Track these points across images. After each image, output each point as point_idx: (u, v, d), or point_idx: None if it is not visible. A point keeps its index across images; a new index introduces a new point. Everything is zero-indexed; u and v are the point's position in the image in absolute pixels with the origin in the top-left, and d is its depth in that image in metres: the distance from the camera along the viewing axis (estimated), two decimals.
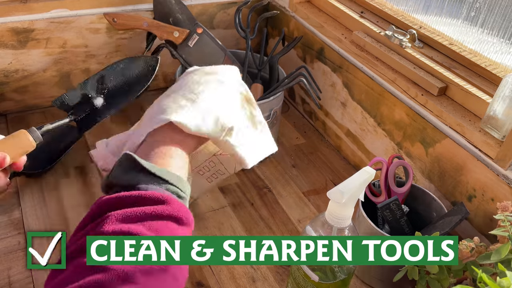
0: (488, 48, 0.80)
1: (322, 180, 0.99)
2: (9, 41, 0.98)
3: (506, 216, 0.58)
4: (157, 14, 0.99)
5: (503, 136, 0.70)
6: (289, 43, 1.04)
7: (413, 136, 0.85)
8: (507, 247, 0.54)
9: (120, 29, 0.94)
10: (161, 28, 0.94)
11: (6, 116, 1.06)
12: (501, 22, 0.76)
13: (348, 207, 0.57)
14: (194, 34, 0.95)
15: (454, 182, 0.78)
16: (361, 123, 0.98)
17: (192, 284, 0.74)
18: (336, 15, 1.05)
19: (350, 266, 0.61)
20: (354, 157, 1.03)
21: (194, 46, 0.95)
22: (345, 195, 0.55)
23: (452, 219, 0.70)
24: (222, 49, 0.98)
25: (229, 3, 1.17)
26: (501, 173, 0.70)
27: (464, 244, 0.60)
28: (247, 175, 0.98)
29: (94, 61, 1.08)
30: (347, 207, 0.57)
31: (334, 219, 0.58)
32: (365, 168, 0.57)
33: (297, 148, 1.08)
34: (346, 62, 0.99)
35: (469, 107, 0.78)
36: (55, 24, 1.00)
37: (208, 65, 0.85)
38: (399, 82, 0.85)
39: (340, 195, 0.55)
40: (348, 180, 0.57)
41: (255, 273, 0.77)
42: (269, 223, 0.87)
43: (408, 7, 0.94)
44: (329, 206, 0.58)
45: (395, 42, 0.88)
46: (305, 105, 1.18)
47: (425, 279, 0.63)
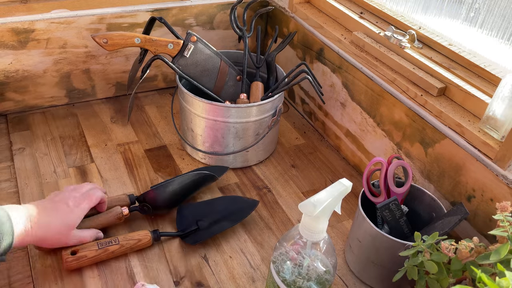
0: (488, 48, 0.80)
1: (322, 180, 0.99)
2: (9, 41, 0.98)
3: (505, 216, 0.58)
4: None
5: (502, 136, 0.71)
6: (283, 40, 1.04)
7: (413, 136, 0.85)
8: (506, 247, 0.55)
9: (112, 49, 0.90)
10: (155, 43, 0.91)
11: (6, 116, 1.06)
12: (500, 22, 0.76)
13: (321, 220, 0.55)
14: (189, 44, 0.94)
15: (454, 182, 0.78)
16: (361, 124, 0.98)
17: (191, 284, 0.74)
18: (335, 16, 1.06)
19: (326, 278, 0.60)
20: (353, 157, 1.03)
21: (190, 55, 0.94)
22: (318, 208, 0.53)
23: (451, 219, 0.70)
24: (217, 54, 0.98)
25: (229, 4, 1.17)
26: (500, 173, 0.70)
27: (463, 244, 0.60)
28: (246, 175, 0.98)
29: (94, 61, 1.09)
30: (320, 220, 0.55)
31: (308, 232, 0.56)
32: (341, 180, 0.55)
33: (296, 148, 1.08)
34: (346, 63, 0.99)
35: (468, 108, 0.78)
36: (56, 25, 1.00)
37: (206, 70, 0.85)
38: (399, 82, 0.86)
39: (312, 208, 0.53)
40: (322, 192, 0.54)
41: (254, 273, 0.77)
42: (269, 223, 0.87)
43: (407, 7, 0.94)
44: (302, 219, 0.56)
45: (395, 42, 0.89)
46: (304, 105, 1.18)
47: (424, 279, 0.63)
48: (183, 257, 0.79)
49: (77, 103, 1.13)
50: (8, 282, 0.72)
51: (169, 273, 0.76)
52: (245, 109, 0.91)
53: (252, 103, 0.92)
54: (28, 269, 0.74)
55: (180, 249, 0.80)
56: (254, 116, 0.92)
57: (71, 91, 1.11)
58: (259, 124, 0.94)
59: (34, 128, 1.03)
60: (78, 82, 1.10)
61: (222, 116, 0.91)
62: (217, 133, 0.94)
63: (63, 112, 1.10)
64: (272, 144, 1.04)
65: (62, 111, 1.10)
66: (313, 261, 0.59)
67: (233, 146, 0.96)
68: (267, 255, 0.81)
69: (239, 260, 0.80)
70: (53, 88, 1.08)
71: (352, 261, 0.79)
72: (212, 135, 0.94)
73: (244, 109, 0.91)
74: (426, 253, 0.62)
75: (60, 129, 1.04)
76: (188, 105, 0.94)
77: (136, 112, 1.13)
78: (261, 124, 0.95)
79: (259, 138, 0.96)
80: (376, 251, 0.72)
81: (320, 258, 0.60)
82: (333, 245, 0.61)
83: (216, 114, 0.91)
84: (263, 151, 1.01)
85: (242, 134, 0.94)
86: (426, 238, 0.63)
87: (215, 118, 0.92)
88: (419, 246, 0.63)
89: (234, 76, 1.01)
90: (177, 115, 1.10)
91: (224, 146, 0.96)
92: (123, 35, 0.89)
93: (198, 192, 0.91)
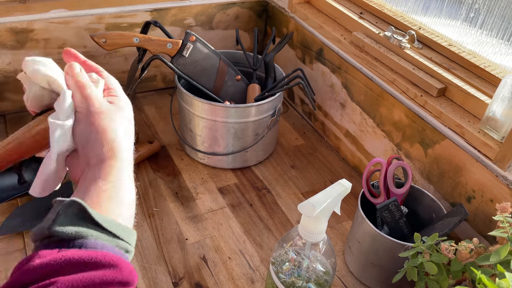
0: (487, 49, 0.80)
1: (321, 181, 0.99)
2: (8, 41, 0.97)
3: (505, 217, 0.58)
4: None
5: (502, 137, 0.70)
6: (281, 40, 1.04)
7: (412, 137, 0.85)
8: (506, 248, 0.54)
9: (110, 49, 0.89)
10: (153, 42, 0.91)
11: (5, 116, 1.06)
12: (500, 23, 0.76)
13: (321, 221, 0.55)
14: (188, 43, 0.93)
15: (453, 183, 0.78)
16: (360, 124, 0.98)
17: (190, 285, 0.74)
18: (335, 16, 1.05)
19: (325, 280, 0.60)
20: (353, 158, 1.03)
21: (189, 55, 0.94)
22: (317, 208, 0.53)
23: (451, 220, 0.70)
24: (216, 54, 0.98)
25: (228, 4, 1.17)
26: (500, 174, 0.70)
27: (463, 245, 0.60)
28: (246, 176, 0.98)
29: (93, 61, 1.08)
30: (320, 221, 0.55)
31: (307, 233, 0.56)
32: (340, 180, 0.55)
33: (296, 149, 1.08)
34: (345, 63, 0.99)
35: (468, 108, 0.78)
36: (54, 25, 1.00)
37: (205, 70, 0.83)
38: (398, 83, 0.85)
39: (311, 209, 0.53)
40: (322, 193, 0.54)
41: (253, 274, 0.77)
42: (268, 224, 0.87)
43: (407, 8, 0.94)
44: (302, 220, 0.56)
45: (394, 43, 0.88)
46: (304, 106, 1.18)
47: (424, 280, 0.62)
48: (182, 258, 0.79)
49: None
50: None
51: (168, 274, 0.76)
52: (244, 109, 0.91)
53: (251, 103, 0.91)
54: None
55: (179, 250, 0.80)
56: (253, 116, 0.92)
57: None
58: (258, 124, 0.94)
59: None
60: None
61: (221, 116, 0.91)
62: (216, 133, 0.94)
63: None
64: (272, 144, 1.04)
65: None
66: (312, 262, 0.59)
67: (232, 146, 0.96)
68: (266, 256, 0.81)
69: (238, 261, 0.79)
70: None
71: (352, 262, 0.79)
72: (211, 135, 0.94)
73: (243, 109, 0.91)
74: (426, 254, 0.61)
75: None
76: (187, 105, 0.94)
77: (135, 112, 1.12)
78: (260, 124, 0.94)
79: (258, 138, 0.96)
80: (376, 252, 0.72)
81: (319, 259, 0.60)
82: (332, 246, 0.61)
83: (215, 114, 0.91)
84: (263, 151, 1.01)
85: (241, 134, 0.94)
86: (426, 239, 0.63)
87: (214, 118, 0.91)
88: (419, 247, 0.62)
89: (233, 76, 1.01)
90: (176, 115, 1.10)
91: (223, 147, 0.96)
92: (122, 34, 0.89)
93: None
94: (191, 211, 0.88)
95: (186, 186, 0.94)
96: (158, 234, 0.83)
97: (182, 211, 0.88)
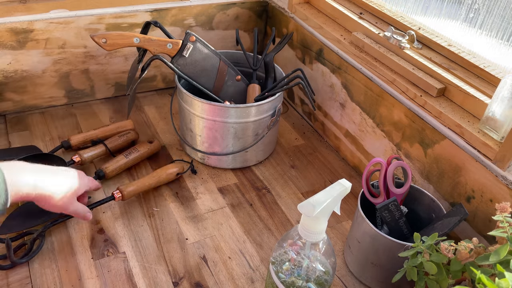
0: (487, 49, 0.80)
1: (321, 181, 0.99)
2: (8, 42, 0.98)
3: (505, 217, 0.58)
4: None
5: (501, 137, 0.70)
6: (281, 40, 1.04)
7: (412, 137, 0.85)
8: (506, 248, 0.54)
9: (111, 49, 0.89)
10: (154, 43, 0.91)
11: (5, 116, 1.06)
12: (499, 23, 0.76)
13: (321, 221, 0.55)
14: (188, 43, 0.93)
15: (453, 183, 0.78)
16: (360, 124, 0.98)
17: (190, 285, 0.74)
18: (335, 16, 1.05)
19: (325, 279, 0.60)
20: (353, 158, 1.03)
21: (189, 55, 0.94)
22: (317, 208, 0.53)
23: (451, 220, 0.70)
24: (216, 54, 0.98)
25: (228, 4, 1.17)
26: (499, 174, 0.70)
27: (463, 245, 0.60)
28: (246, 176, 0.98)
29: (93, 61, 1.08)
30: (319, 221, 0.55)
31: (307, 233, 0.56)
32: (340, 180, 0.55)
33: (296, 149, 1.08)
34: (345, 63, 0.99)
35: (468, 108, 0.78)
36: (55, 25, 1.00)
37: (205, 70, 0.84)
38: (398, 83, 0.86)
39: (311, 209, 0.53)
40: (321, 193, 0.54)
41: (253, 274, 0.77)
42: (268, 223, 0.87)
43: (407, 8, 0.94)
44: (302, 219, 0.56)
45: (394, 43, 0.89)
46: (304, 106, 1.18)
47: (423, 280, 0.62)
48: (182, 258, 0.79)
49: (76, 103, 1.13)
50: (6, 282, 0.71)
51: (168, 274, 0.76)
52: (244, 109, 0.91)
53: (252, 104, 0.91)
54: (26, 269, 0.74)
55: (179, 250, 0.80)
56: (253, 116, 0.92)
57: (70, 91, 1.11)
58: (258, 124, 0.94)
59: (33, 129, 1.03)
60: (77, 82, 1.10)
61: (221, 116, 0.91)
62: (216, 133, 0.94)
63: (62, 112, 1.10)
64: (272, 144, 1.04)
65: (61, 111, 1.10)
66: (312, 262, 0.59)
67: (232, 146, 0.96)
68: (266, 256, 0.81)
69: (238, 261, 0.79)
70: (52, 88, 1.08)
71: (351, 261, 0.79)
72: (211, 135, 0.94)
73: (243, 109, 0.91)
74: (426, 254, 0.61)
75: (59, 129, 1.04)
76: (187, 105, 0.94)
77: (135, 112, 1.13)
78: (260, 124, 0.95)
79: (258, 138, 0.96)
80: (376, 251, 0.72)
81: (319, 259, 0.60)
82: (332, 246, 0.61)
83: (215, 114, 0.91)
84: (263, 151, 1.01)
85: (241, 134, 0.94)
86: (425, 239, 0.63)
87: (214, 118, 0.92)
88: (419, 247, 0.62)
89: (233, 76, 1.01)
90: (176, 115, 1.10)
91: (223, 147, 0.96)
92: (122, 34, 0.89)
93: None
94: (191, 211, 0.88)
95: (186, 186, 0.94)
96: (158, 234, 0.83)
97: (182, 211, 0.88)
